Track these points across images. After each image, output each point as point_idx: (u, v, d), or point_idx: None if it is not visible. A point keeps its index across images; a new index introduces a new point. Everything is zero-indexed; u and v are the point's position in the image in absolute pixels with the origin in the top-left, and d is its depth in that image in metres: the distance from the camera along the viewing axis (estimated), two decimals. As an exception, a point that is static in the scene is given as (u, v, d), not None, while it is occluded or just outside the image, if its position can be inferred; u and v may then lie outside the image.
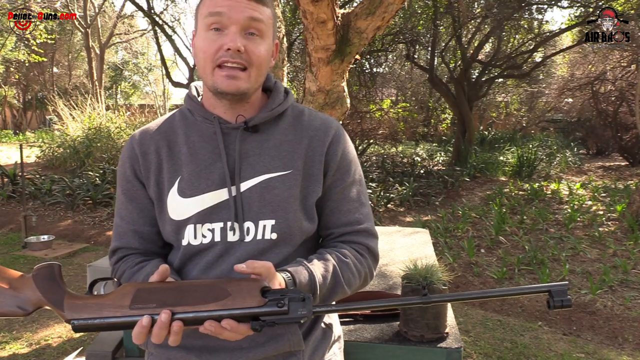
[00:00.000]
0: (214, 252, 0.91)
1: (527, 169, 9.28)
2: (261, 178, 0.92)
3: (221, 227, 0.91)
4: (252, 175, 0.92)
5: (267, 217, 0.91)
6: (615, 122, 11.03)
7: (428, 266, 1.23)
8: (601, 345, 3.13)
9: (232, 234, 0.91)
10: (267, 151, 0.94)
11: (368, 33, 2.77)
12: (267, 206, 0.91)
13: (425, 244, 2.21)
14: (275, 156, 0.94)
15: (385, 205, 6.91)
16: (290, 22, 8.27)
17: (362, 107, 10.41)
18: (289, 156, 0.94)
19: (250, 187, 0.91)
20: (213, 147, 0.93)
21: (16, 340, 3.10)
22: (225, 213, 0.91)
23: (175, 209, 0.92)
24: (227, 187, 0.90)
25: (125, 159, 0.98)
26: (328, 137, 0.97)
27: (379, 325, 1.31)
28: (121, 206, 0.99)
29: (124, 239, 0.98)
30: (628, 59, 10.28)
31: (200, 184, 0.92)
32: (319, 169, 0.96)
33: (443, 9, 9.29)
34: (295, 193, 0.93)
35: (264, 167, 0.93)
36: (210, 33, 0.88)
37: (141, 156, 0.96)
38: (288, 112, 0.99)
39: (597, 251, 4.75)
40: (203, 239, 0.92)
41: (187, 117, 0.98)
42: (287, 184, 0.92)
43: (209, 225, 0.91)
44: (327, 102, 3.12)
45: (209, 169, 0.92)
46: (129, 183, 0.97)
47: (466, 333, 3.21)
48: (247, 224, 0.91)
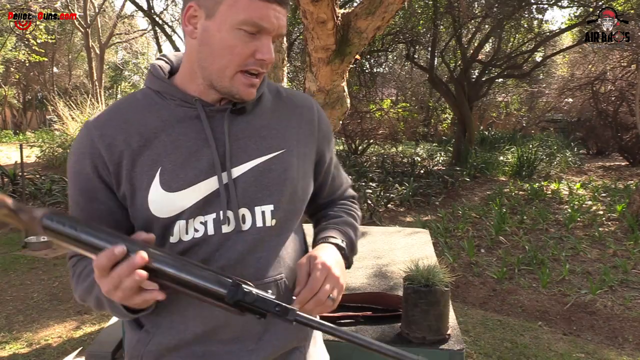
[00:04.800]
0: (209, 247, 0.83)
1: (527, 169, 9.28)
2: (257, 161, 0.86)
3: (214, 219, 0.82)
4: (245, 159, 0.85)
5: (265, 203, 0.85)
6: (615, 122, 11.02)
7: (430, 267, 1.23)
8: (601, 345, 3.12)
9: (227, 225, 0.83)
10: (258, 132, 0.88)
11: (368, 33, 2.77)
12: (263, 190, 0.85)
13: (426, 244, 2.20)
14: (266, 136, 0.88)
15: (385, 205, 6.91)
16: (290, 22, 8.26)
17: (362, 107, 10.41)
18: (281, 135, 0.90)
19: (245, 171, 0.85)
20: (197, 133, 0.83)
21: (16, 340, 3.10)
22: (218, 203, 0.83)
23: (159, 205, 0.81)
24: (217, 174, 0.82)
25: (81, 154, 0.83)
26: (314, 114, 0.96)
27: (380, 326, 1.31)
28: (76, 208, 0.85)
29: None
30: (628, 59, 10.29)
31: (187, 174, 0.82)
32: (312, 147, 0.94)
33: (443, 9, 9.29)
34: (292, 174, 0.89)
35: (257, 149, 0.86)
36: (242, 34, 0.79)
37: (105, 149, 0.82)
38: (266, 92, 0.94)
39: (597, 251, 4.75)
40: (195, 233, 0.82)
41: (155, 100, 0.86)
42: (284, 165, 0.88)
43: (201, 218, 0.82)
44: (327, 102, 3.11)
45: (195, 156, 0.82)
46: (89, 182, 0.83)
47: (466, 333, 3.21)
48: (242, 211, 0.84)
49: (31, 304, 3.67)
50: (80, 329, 3.25)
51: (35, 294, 3.85)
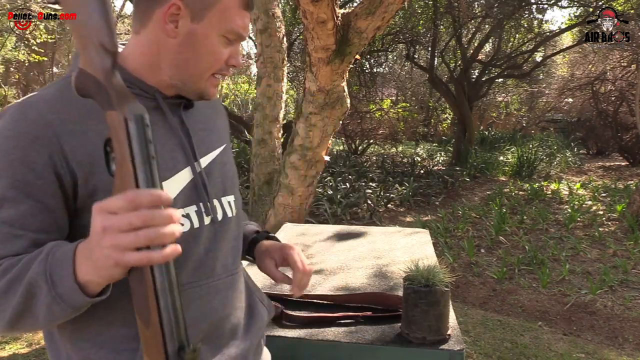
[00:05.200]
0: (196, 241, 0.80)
1: (527, 169, 9.28)
2: (215, 153, 0.89)
3: (196, 211, 0.82)
4: (206, 150, 0.87)
5: (228, 193, 0.90)
6: (615, 122, 11.02)
7: (430, 267, 1.23)
8: (601, 345, 3.12)
9: (207, 216, 0.83)
10: (207, 125, 0.91)
11: (368, 33, 2.77)
12: (226, 182, 0.89)
13: (426, 244, 2.20)
14: (214, 130, 0.92)
15: (385, 205, 6.91)
16: (290, 22, 8.27)
17: (362, 107, 10.41)
18: (221, 129, 0.95)
19: (209, 163, 0.86)
20: (162, 122, 0.81)
21: (16, 340, 3.10)
22: (196, 194, 0.82)
23: None
24: (191, 164, 0.82)
25: (26, 139, 0.68)
26: (223, 110, 1.02)
27: (380, 327, 1.31)
28: (4, 203, 0.67)
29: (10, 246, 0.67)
30: (628, 59, 10.29)
31: (168, 163, 0.79)
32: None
33: (443, 9, 9.29)
34: (234, 166, 0.96)
35: (212, 142, 0.89)
36: (223, 40, 0.81)
37: (70, 136, 0.70)
38: None
39: (597, 251, 4.75)
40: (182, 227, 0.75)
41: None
42: (230, 158, 0.94)
43: (182, 211, 0.79)
44: (327, 102, 3.12)
45: (167, 146, 0.80)
46: (31, 172, 0.67)
47: (466, 333, 3.21)
48: (214, 203, 0.86)
49: (31, 304, 3.67)
50: (80, 329, 3.25)
51: (35, 294, 3.85)
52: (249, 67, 16.63)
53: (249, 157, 4.96)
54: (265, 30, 4.15)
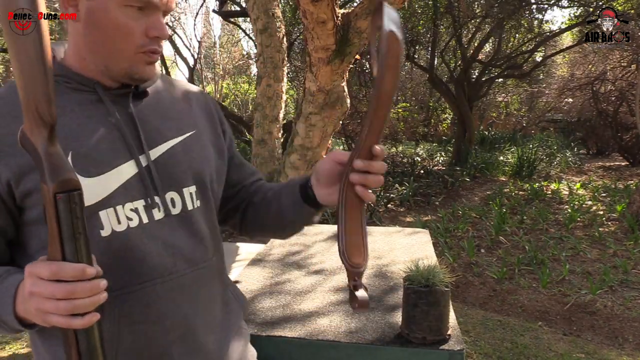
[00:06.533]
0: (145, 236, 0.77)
1: (527, 169, 9.28)
2: (173, 142, 0.84)
3: (144, 205, 0.78)
4: (160, 140, 0.82)
5: (190, 184, 0.84)
6: (615, 122, 11.02)
7: (430, 267, 1.23)
8: (601, 345, 3.12)
9: (158, 211, 0.79)
10: (165, 114, 0.86)
11: (368, 33, 2.76)
12: (187, 171, 0.84)
13: (426, 244, 2.20)
14: (175, 118, 0.87)
15: (385, 205, 6.91)
16: (290, 22, 8.26)
17: (362, 107, 10.40)
18: (187, 117, 0.89)
19: (163, 153, 0.82)
20: (103, 116, 0.77)
21: (16, 341, 3.10)
22: (143, 187, 0.78)
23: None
24: (134, 157, 0.78)
25: None
26: (209, 99, 0.98)
27: (380, 327, 1.30)
28: None
29: None
30: (628, 59, 10.28)
31: (104, 157, 0.75)
32: (220, 129, 0.96)
33: (443, 9, 9.28)
34: (209, 153, 0.90)
35: (170, 130, 0.84)
36: (130, 10, 0.73)
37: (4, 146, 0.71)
38: (158, 79, 0.92)
39: (597, 251, 4.75)
40: (130, 222, 0.76)
41: None
42: (199, 145, 0.88)
43: (130, 205, 0.76)
44: (327, 102, 3.11)
45: (107, 139, 0.76)
46: None
47: (466, 333, 3.21)
48: (170, 195, 0.81)
49: (31, 304, 3.67)
50: (80, 329, 3.25)
51: (35, 294, 3.85)
52: (249, 67, 16.64)
53: (249, 157, 4.96)
54: (265, 30, 4.15)
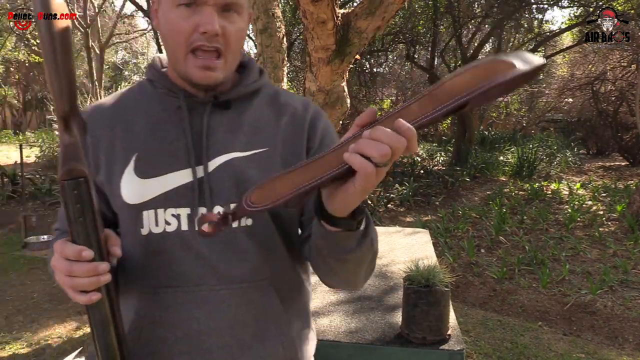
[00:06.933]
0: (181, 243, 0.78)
1: (527, 169, 9.28)
2: (233, 155, 0.81)
3: (188, 214, 0.78)
4: (219, 153, 0.81)
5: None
6: (615, 122, 11.02)
7: (430, 267, 1.23)
8: (601, 345, 3.12)
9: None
10: (239, 128, 0.83)
11: (368, 33, 2.76)
12: (240, 188, 0.79)
13: (426, 244, 2.20)
14: (249, 133, 0.83)
15: (385, 205, 6.91)
16: (290, 22, 8.26)
17: (362, 107, 10.41)
18: (266, 133, 0.84)
19: (218, 166, 0.80)
20: (176, 123, 0.82)
21: (16, 340, 3.10)
22: (192, 197, 0.79)
23: (131, 191, 0.79)
24: (192, 166, 0.79)
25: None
26: (308, 114, 0.89)
27: (380, 327, 1.30)
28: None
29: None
30: (628, 59, 10.29)
31: (162, 162, 0.80)
32: (301, 146, 0.86)
33: (443, 9, 9.29)
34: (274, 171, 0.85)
35: (236, 144, 0.82)
36: (181, 9, 0.74)
37: (89, 134, 0.79)
38: (263, 91, 0.89)
39: (597, 251, 4.75)
40: (167, 226, 0.78)
41: (148, 89, 0.86)
42: (264, 163, 0.82)
43: (172, 211, 0.78)
44: (327, 102, 3.11)
45: (172, 145, 0.80)
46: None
47: (466, 333, 3.21)
48: (217, 209, 0.79)
49: (31, 304, 3.67)
50: (80, 329, 3.25)
51: (35, 294, 3.85)
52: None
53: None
54: (265, 30, 4.14)
